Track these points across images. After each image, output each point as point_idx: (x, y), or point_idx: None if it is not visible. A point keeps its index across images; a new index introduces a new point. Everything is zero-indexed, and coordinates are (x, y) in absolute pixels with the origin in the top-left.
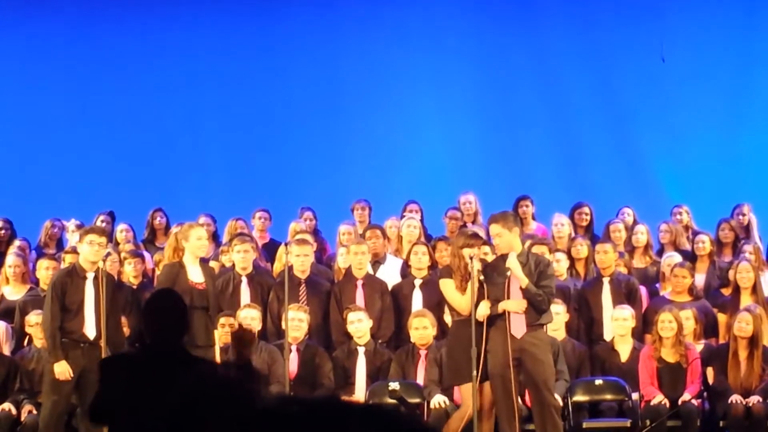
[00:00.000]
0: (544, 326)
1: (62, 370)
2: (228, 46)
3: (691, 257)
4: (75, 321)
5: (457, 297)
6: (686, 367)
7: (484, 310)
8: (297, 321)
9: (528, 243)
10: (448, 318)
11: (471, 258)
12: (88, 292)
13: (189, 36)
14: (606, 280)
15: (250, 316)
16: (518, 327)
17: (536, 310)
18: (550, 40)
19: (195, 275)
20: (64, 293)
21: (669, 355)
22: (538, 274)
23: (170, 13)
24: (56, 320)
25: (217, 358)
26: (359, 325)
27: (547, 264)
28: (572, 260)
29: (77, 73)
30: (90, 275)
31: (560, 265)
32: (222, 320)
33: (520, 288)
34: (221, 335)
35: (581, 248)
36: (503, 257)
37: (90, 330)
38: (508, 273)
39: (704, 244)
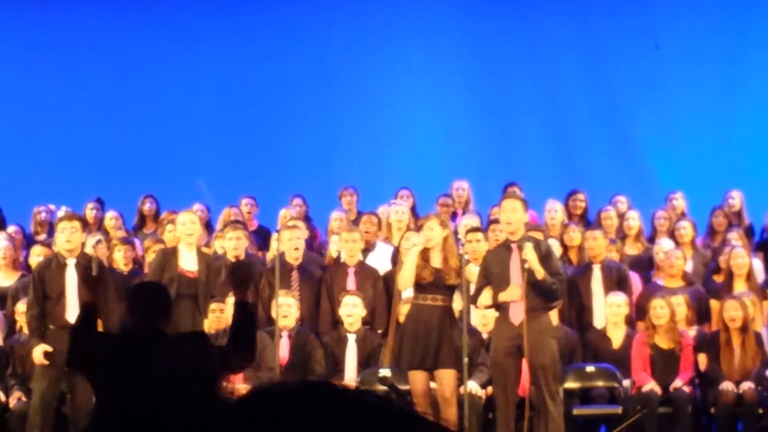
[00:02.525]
0: (548, 312)
1: (38, 354)
2: (218, 32)
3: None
4: (57, 307)
5: (398, 275)
6: (680, 354)
7: (486, 300)
8: (286, 307)
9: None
10: (455, 305)
11: (416, 244)
12: (70, 279)
13: (179, 23)
14: (596, 267)
15: None
16: (517, 314)
17: (551, 298)
18: (543, 26)
19: (187, 262)
20: (43, 280)
21: (662, 342)
22: (544, 259)
23: (161, 2)
24: (33, 308)
25: None
26: (353, 309)
27: (548, 247)
28: (565, 247)
29: (69, 61)
30: (71, 261)
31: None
32: (213, 306)
33: (535, 280)
34: (211, 322)
35: (574, 235)
36: (506, 246)
37: (73, 316)
38: (527, 265)
39: (686, 230)
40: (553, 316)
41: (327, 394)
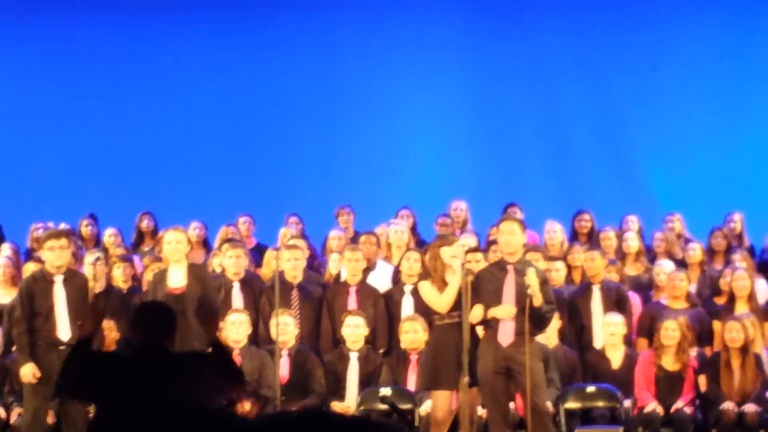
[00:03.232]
0: (535, 336)
1: (26, 373)
2: (219, 51)
3: (683, 265)
4: (47, 325)
5: (434, 296)
6: (685, 376)
7: (478, 312)
8: (284, 325)
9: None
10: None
11: (462, 265)
12: (58, 295)
13: (181, 40)
14: (596, 288)
15: (239, 321)
16: (505, 335)
17: (541, 326)
18: (542, 47)
19: (175, 280)
20: (32, 297)
21: (669, 363)
22: (541, 285)
23: (162, 17)
24: (21, 325)
25: None
26: (356, 330)
27: (544, 274)
28: (569, 268)
29: (68, 77)
30: (58, 278)
31: (559, 274)
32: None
33: (532, 306)
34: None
35: (578, 256)
36: (501, 266)
37: (63, 332)
38: (529, 291)
39: (695, 252)
40: (553, 336)
41: (326, 424)
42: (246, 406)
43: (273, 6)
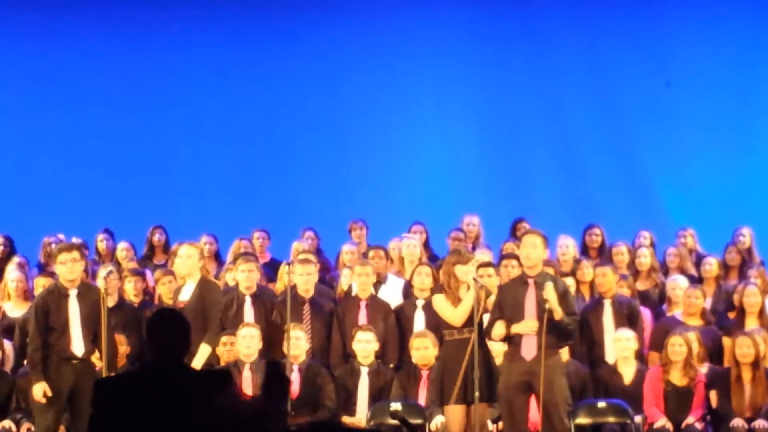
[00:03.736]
0: (559, 350)
1: (37, 391)
2: (229, 65)
3: (696, 281)
4: (62, 339)
5: (448, 310)
6: (694, 391)
7: (500, 330)
8: (295, 340)
9: None
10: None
11: (475, 280)
12: (73, 309)
13: (189, 55)
14: (607, 302)
15: (250, 335)
16: (529, 349)
17: (565, 338)
18: (554, 61)
19: (185, 294)
20: (47, 313)
21: (677, 379)
22: (561, 297)
23: (170, 31)
24: (35, 341)
25: None
26: (366, 345)
27: (565, 285)
28: (578, 283)
29: (77, 90)
30: (72, 292)
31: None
32: (224, 339)
33: (553, 319)
34: (223, 353)
35: (587, 271)
36: (522, 280)
37: (77, 347)
38: (547, 305)
39: (711, 266)
40: (564, 351)
41: None
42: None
43: (285, 21)
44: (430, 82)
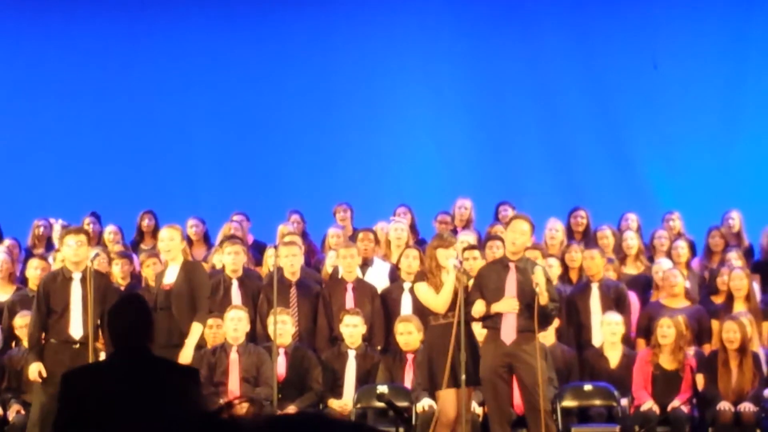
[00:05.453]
0: (538, 334)
1: (33, 370)
2: (217, 49)
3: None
4: (61, 322)
5: (431, 297)
6: (682, 375)
7: (480, 307)
8: (280, 323)
9: None
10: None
11: (455, 266)
12: (75, 293)
13: (179, 39)
14: (595, 286)
15: (237, 317)
16: (508, 333)
17: (547, 323)
18: (542, 45)
19: (169, 276)
20: (48, 295)
21: (666, 362)
22: (546, 282)
23: (160, 16)
24: (35, 324)
25: (188, 358)
26: (354, 330)
27: (548, 272)
28: (565, 267)
29: (67, 75)
30: (76, 275)
31: (551, 270)
32: (210, 321)
33: (539, 304)
34: (209, 336)
35: (576, 255)
36: (503, 263)
37: (76, 330)
38: (537, 289)
39: (683, 250)
40: (551, 334)
41: (325, 428)
42: (242, 409)
43: (273, 4)
44: (419, 64)
